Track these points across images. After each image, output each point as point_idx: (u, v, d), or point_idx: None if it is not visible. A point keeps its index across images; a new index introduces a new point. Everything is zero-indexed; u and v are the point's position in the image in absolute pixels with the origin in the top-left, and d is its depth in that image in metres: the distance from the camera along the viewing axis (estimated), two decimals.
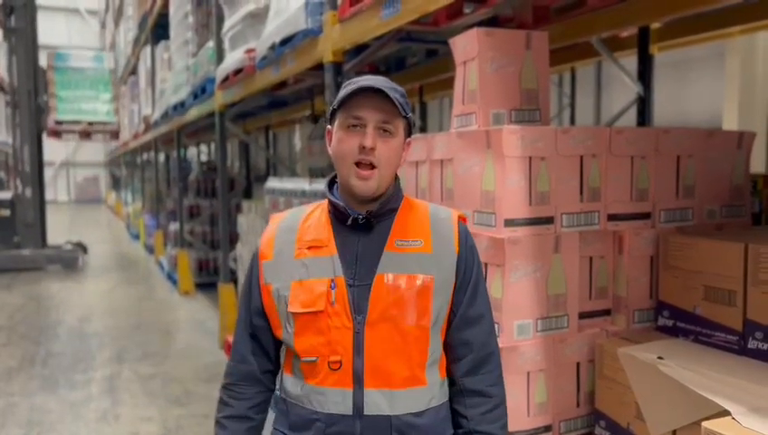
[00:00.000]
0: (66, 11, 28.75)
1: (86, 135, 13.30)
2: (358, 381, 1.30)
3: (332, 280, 1.31)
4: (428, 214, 1.40)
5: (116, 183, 25.01)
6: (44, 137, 11.13)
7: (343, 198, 1.36)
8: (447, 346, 1.39)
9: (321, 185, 3.80)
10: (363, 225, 1.34)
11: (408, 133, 1.37)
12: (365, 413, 1.30)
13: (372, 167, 1.29)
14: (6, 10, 10.26)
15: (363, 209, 1.34)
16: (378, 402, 1.30)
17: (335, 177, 1.40)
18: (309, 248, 1.35)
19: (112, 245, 13.86)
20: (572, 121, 7.32)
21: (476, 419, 1.37)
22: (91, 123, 12.31)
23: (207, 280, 8.29)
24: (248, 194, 9.34)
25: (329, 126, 1.38)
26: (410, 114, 1.34)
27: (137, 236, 14.50)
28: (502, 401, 1.40)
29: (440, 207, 1.45)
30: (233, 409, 1.43)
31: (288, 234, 1.39)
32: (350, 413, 1.30)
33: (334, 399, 1.31)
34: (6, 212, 10.22)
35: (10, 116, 10.71)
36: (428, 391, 1.34)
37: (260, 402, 1.45)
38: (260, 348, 1.43)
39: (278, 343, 1.42)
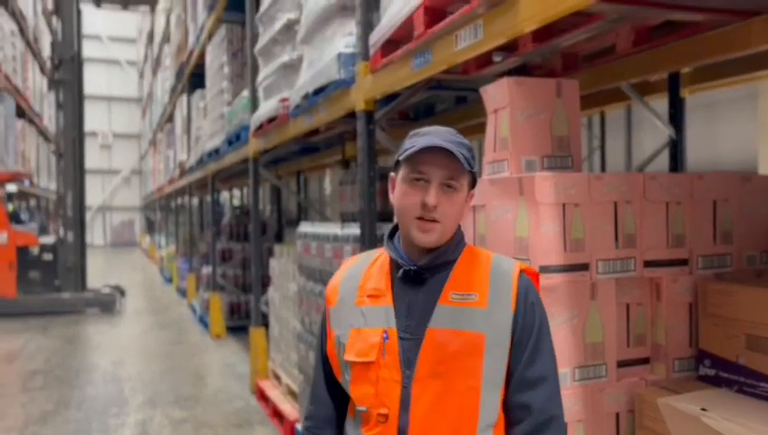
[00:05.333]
0: (107, 62, 29.98)
1: (127, 2, 13.10)
2: None
3: (385, 331, 1.30)
4: (489, 266, 1.33)
5: (150, 227, 25.52)
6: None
7: (404, 245, 1.35)
8: (506, 409, 1.31)
9: (352, 229, 3.83)
10: (415, 277, 1.32)
11: (472, 185, 1.35)
12: None
13: (434, 221, 1.28)
14: (55, 62, 10.78)
15: (423, 259, 1.32)
16: None
17: (397, 225, 1.39)
18: (368, 296, 1.35)
19: (146, 288, 14.06)
20: (603, 164, 7.29)
21: None
22: None
23: (239, 323, 8.32)
24: (280, 238, 9.44)
25: (392, 173, 1.38)
26: (475, 168, 1.33)
27: (170, 280, 14.69)
28: None
29: (505, 258, 1.38)
30: None
31: (352, 280, 1.39)
32: None
33: None
34: (49, 256, 10.45)
35: (55, 163, 11.10)
36: None
37: None
38: (336, 394, 1.42)
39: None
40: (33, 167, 16.73)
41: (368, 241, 3.26)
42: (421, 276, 1.32)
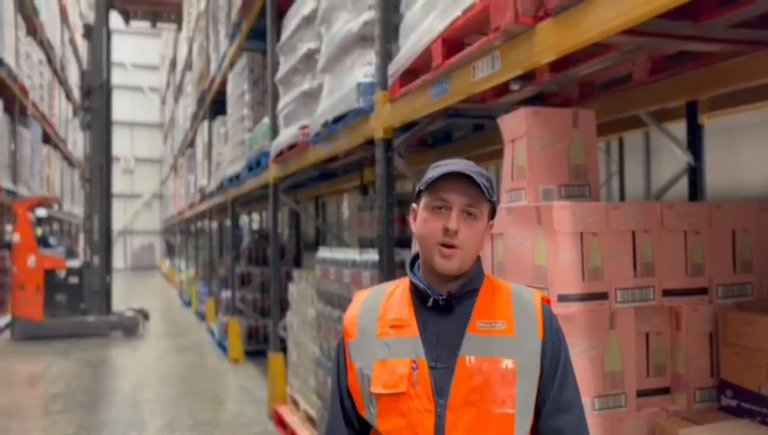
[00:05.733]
0: (131, 88, 30.59)
1: (155, 20, 13.08)
2: None
3: (414, 361, 1.31)
4: (510, 295, 1.37)
5: (170, 251, 25.76)
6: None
7: (425, 276, 1.36)
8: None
9: (371, 255, 3.86)
10: (444, 306, 1.33)
11: (492, 216, 1.37)
12: None
13: (455, 247, 1.30)
14: (84, 90, 11.07)
15: (445, 288, 1.33)
16: None
17: (417, 255, 1.41)
18: (391, 327, 1.35)
19: (165, 312, 14.15)
20: (622, 189, 7.25)
21: None
22: None
23: (257, 348, 8.34)
24: (298, 262, 9.48)
25: (414, 204, 1.40)
26: (495, 198, 1.36)
27: (189, 303, 14.78)
28: None
29: (522, 287, 1.43)
30: None
31: (371, 312, 1.40)
32: None
33: None
34: (75, 280, 10.58)
35: (79, 187, 11.30)
36: None
37: None
38: (355, 430, 1.40)
39: (367, 424, 1.39)
40: (57, 191, 17.07)
41: (386, 267, 3.28)
42: (450, 305, 1.34)
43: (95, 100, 11.03)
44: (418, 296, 1.36)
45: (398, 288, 1.42)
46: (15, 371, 7.82)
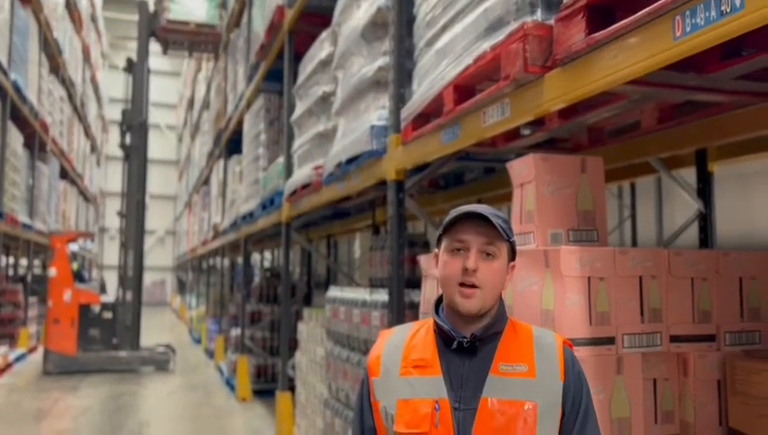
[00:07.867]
0: (149, 126, 31.18)
1: (191, 49, 13.24)
2: None
3: (437, 402, 1.32)
4: (533, 338, 1.40)
5: (181, 287, 25.80)
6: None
7: (449, 317, 1.39)
8: None
9: (381, 295, 3.87)
10: (468, 348, 1.36)
11: (512, 257, 1.41)
12: None
13: (475, 286, 1.33)
14: (123, 129, 11.37)
15: (468, 330, 1.36)
16: None
17: (441, 297, 1.44)
18: (414, 367, 1.38)
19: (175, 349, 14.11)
20: (634, 234, 7.23)
21: None
22: (198, 25, 12.47)
23: (265, 387, 8.28)
24: (308, 300, 9.48)
25: (435, 249, 1.44)
26: (513, 238, 1.40)
27: (198, 341, 14.75)
28: None
29: (545, 330, 1.46)
30: None
31: (395, 352, 1.42)
32: None
33: None
34: (109, 315, 10.63)
35: (95, 223, 11.41)
36: None
37: None
38: None
39: None
40: (72, 226, 17.28)
41: (396, 307, 3.30)
42: (474, 347, 1.36)
43: (134, 138, 11.30)
44: (442, 338, 1.39)
45: (423, 328, 1.44)
46: (23, 406, 7.81)
